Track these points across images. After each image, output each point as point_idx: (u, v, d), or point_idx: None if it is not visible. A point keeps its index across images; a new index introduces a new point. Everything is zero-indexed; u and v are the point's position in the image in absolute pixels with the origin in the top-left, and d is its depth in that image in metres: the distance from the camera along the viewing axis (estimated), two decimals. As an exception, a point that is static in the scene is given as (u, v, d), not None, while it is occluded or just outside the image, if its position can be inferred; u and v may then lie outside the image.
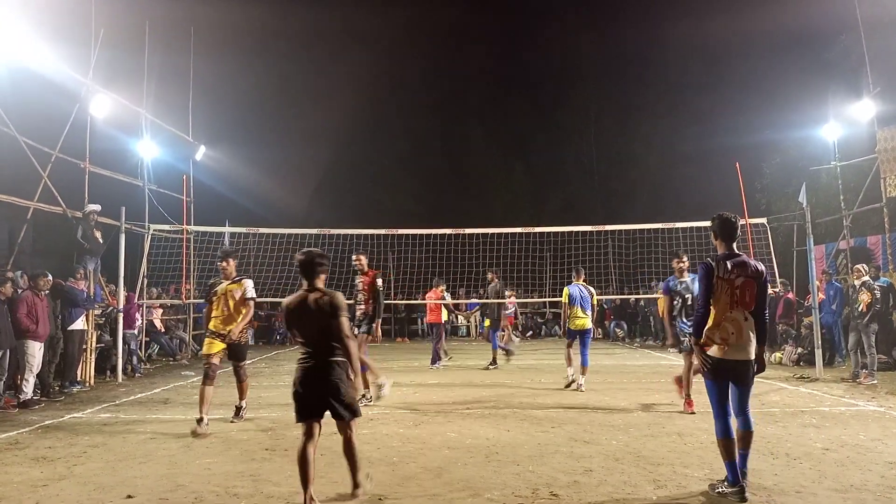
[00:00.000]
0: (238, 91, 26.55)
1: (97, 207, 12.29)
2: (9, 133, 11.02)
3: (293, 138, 29.66)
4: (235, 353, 7.91)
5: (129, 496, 4.84)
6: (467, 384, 10.96)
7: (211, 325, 7.85)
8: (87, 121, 13.04)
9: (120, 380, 11.70)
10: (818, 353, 11.54)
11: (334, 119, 30.26)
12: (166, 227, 15.23)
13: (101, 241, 12.41)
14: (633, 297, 20.19)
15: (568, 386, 10.26)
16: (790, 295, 15.04)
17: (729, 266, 4.89)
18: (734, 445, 4.78)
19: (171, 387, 11.10)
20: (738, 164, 14.44)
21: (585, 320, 10.19)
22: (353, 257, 9.68)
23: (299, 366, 4.71)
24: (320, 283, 4.85)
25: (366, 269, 9.54)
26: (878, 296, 10.90)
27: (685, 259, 8.61)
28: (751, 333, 4.83)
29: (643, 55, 31.96)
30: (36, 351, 9.23)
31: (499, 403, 8.96)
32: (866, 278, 11.17)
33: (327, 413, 4.70)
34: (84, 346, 11.21)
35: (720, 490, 4.77)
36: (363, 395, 8.32)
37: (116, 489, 5.02)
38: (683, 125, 29.00)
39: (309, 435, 4.58)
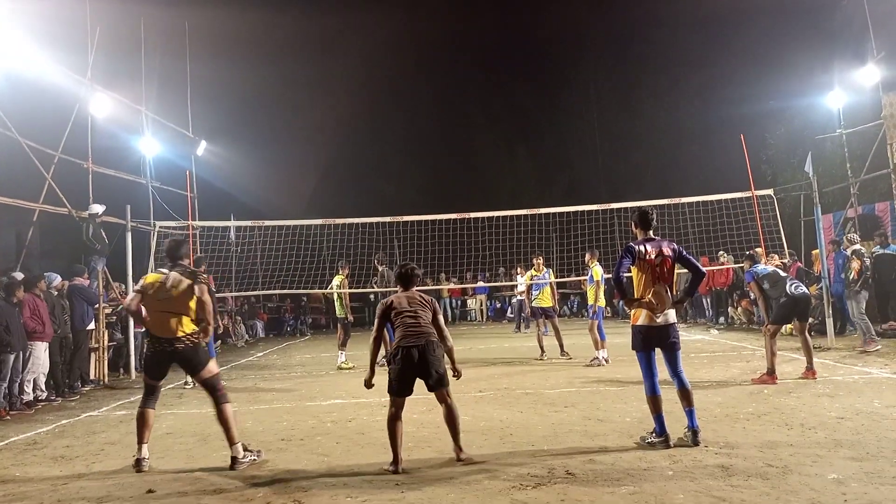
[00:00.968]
0: (237, 85, 26.42)
1: (103, 208, 12.33)
2: (11, 136, 11.03)
3: (293, 131, 29.65)
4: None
5: (150, 491, 4.88)
6: (479, 367, 10.98)
7: None
8: (87, 121, 13.06)
9: (133, 377, 11.78)
10: (829, 322, 11.52)
11: (334, 110, 30.19)
12: (172, 223, 15.27)
13: (106, 239, 12.46)
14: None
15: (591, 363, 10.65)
16: (799, 265, 14.97)
17: (647, 248, 5.72)
18: (661, 401, 5.59)
19: (184, 382, 11.16)
20: (742, 137, 14.34)
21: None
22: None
23: (403, 345, 5.36)
24: (413, 288, 5.68)
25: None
26: (868, 263, 11.06)
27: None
28: (671, 302, 5.66)
29: (642, 32, 31.61)
30: (41, 352, 9.30)
31: (511, 385, 8.99)
32: (857, 246, 11.33)
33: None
34: (96, 345, 11.28)
35: (650, 441, 5.51)
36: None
37: (136, 485, 5.06)
38: (686, 101, 28.74)
39: (401, 407, 5.40)
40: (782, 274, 8.94)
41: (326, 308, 22.89)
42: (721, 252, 16.03)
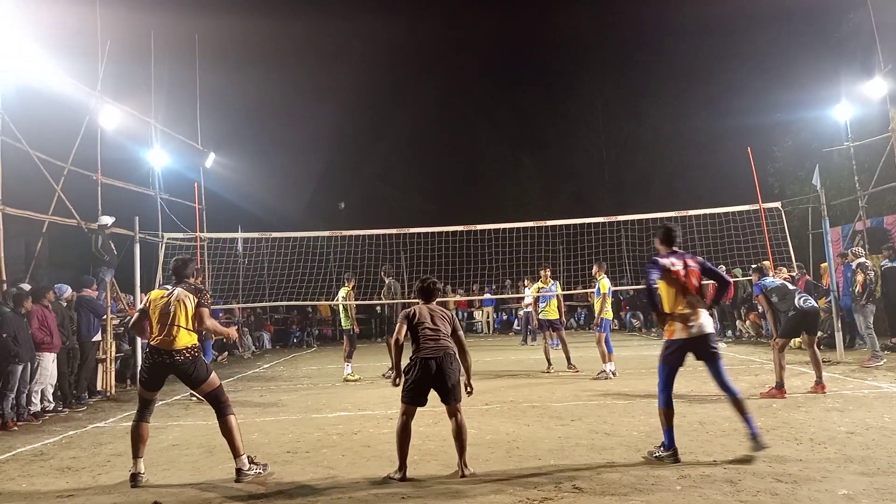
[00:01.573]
0: (245, 96, 26.62)
1: (112, 220, 12.39)
2: (21, 148, 11.12)
3: (300, 141, 29.76)
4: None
5: (156, 502, 4.87)
6: (485, 380, 10.94)
7: None
8: (97, 132, 13.15)
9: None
10: (838, 336, 11.44)
11: (340, 119, 30.33)
12: (180, 235, 15.33)
13: (115, 251, 12.52)
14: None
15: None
16: (807, 278, 14.90)
17: (673, 260, 5.76)
18: (673, 415, 5.54)
19: (190, 393, 11.17)
20: (749, 150, 14.32)
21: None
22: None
23: (421, 356, 5.42)
24: (434, 302, 5.80)
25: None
26: (872, 276, 10.99)
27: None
28: (704, 311, 5.61)
29: (648, 41, 31.75)
30: (49, 363, 9.33)
31: (517, 398, 8.95)
32: (862, 259, 11.28)
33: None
34: (104, 357, 11.31)
35: (658, 455, 5.42)
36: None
37: (142, 497, 5.06)
38: (692, 110, 28.76)
39: (412, 415, 5.50)
40: (791, 287, 8.90)
41: (333, 320, 22.88)
42: (737, 269, 15.97)
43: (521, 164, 32.83)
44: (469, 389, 5.54)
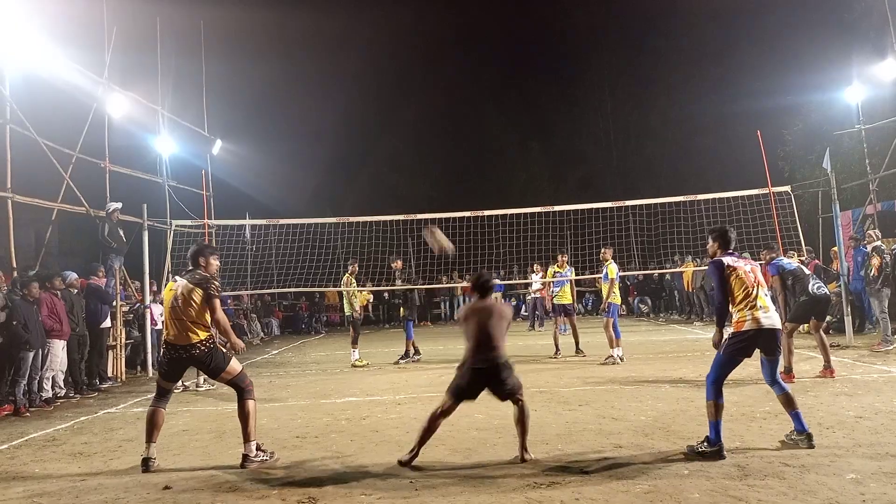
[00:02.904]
0: (252, 83, 26.60)
1: (119, 205, 12.43)
2: (30, 136, 11.16)
3: (307, 128, 29.73)
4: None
5: (167, 487, 4.92)
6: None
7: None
8: (104, 120, 13.18)
9: (150, 374, 11.88)
10: (847, 320, 11.39)
11: (347, 106, 30.24)
12: (188, 222, 15.37)
13: (124, 238, 12.57)
14: (656, 272, 20.05)
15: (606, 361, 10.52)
16: (816, 262, 14.80)
17: (735, 257, 5.60)
18: (722, 409, 5.24)
19: (201, 379, 11.25)
20: (759, 133, 14.19)
21: None
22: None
23: (476, 364, 5.28)
24: (490, 298, 5.61)
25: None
26: (888, 259, 10.87)
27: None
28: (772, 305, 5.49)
29: (658, 25, 31.44)
30: (59, 350, 9.42)
31: (525, 383, 8.90)
32: (878, 243, 11.16)
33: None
34: (114, 343, 11.40)
35: (700, 450, 5.08)
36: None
37: (153, 481, 5.11)
38: (701, 95, 28.50)
39: (450, 410, 5.29)
40: (806, 272, 8.82)
41: (340, 306, 22.98)
42: (745, 254, 15.88)
43: (529, 149, 32.68)
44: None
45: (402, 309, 13.15)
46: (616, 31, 32.46)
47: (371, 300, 16.70)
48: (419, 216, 15.79)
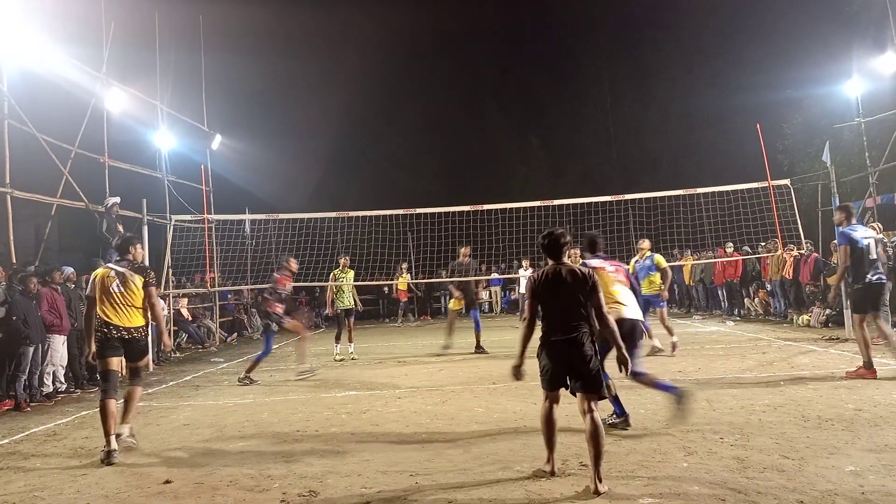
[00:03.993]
0: (251, 78, 26.56)
1: (117, 200, 12.42)
2: (28, 131, 11.14)
3: (307, 123, 29.72)
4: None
5: (167, 481, 4.94)
6: (492, 359, 10.99)
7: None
8: (103, 115, 13.15)
9: (151, 369, 11.90)
10: (847, 313, 11.38)
11: (347, 101, 30.19)
12: (187, 216, 15.36)
13: (123, 233, 12.55)
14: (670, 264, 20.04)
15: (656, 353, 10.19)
16: (816, 256, 14.83)
17: (601, 260, 6.21)
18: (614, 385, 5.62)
19: (201, 373, 11.29)
20: (759, 126, 14.18)
21: None
22: None
23: (547, 340, 4.66)
24: (567, 259, 4.89)
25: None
26: (892, 252, 10.85)
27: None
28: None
29: (656, 17, 31.35)
30: (59, 345, 9.43)
31: (525, 377, 8.97)
32: (880, 236, 11.13)
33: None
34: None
35: (611, 422, 5.75)
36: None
37: (154, 475, 5.13)
38: (700, 88, 28.43)
39: (554, 400, 4.71)
40: (872, 256, 7.90)
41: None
42: (745, 247, 15.89)
43: (529, 143, 32.66)
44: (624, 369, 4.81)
45: (453, 301, 12.55)
46: (615, 25, 32.42)
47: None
48: (419, 210, 15.80)
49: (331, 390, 8.80)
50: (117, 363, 6.09)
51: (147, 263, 7.30)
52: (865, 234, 7.95)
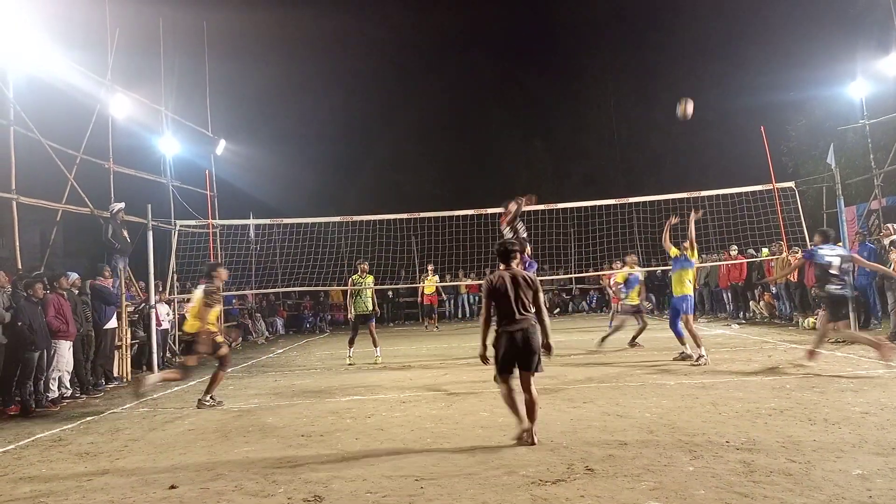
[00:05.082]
0: (255, 83, 26.66)
1: (122, 205, 12.46)
2: (33, 137, 11.20)
3: (310, 127, 29.82)
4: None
5: (173, 486, 4.94)
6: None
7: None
8: (108, 121, 13.21)
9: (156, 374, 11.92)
10: (853, 316, 11.33)
11: (350, 105, 30.27)
12: (192, 222, 15.41)
13: (128, 239, 12.60)
14: (660, 269, 19.99)
15: (685, 359, 9.90)
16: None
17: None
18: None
19: (207, 379, 11.28)
20: (763, 129, 14.16)
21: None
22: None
23: (507, 330, 5.68)
24: (514, 265, 5.91)
25: None
26: None
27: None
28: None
29: (660, 19, 31.39)
30: (65, 350, 9.45)
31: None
32: (894, 237, 11.06)
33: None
34: (119, 343, 11.43)
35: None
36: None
37: (159, 481, 5.13)
38: (704, 90, 28.31)
39: (509, 383, 5.77)
40: (834, 271, 8.75)
41: (345, 305, 22.99)
42: (750, 250, 15.86)
43: (532, 146, 32.66)
44: (549, 352, 5.79)
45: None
46: (619, 26, 32.45)
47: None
48: (422, 214, 15.82)
49: (335, 395, 8.80)
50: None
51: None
52: (831, 252, 8.87)
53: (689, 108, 11.33)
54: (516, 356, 5.66)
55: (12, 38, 10.68)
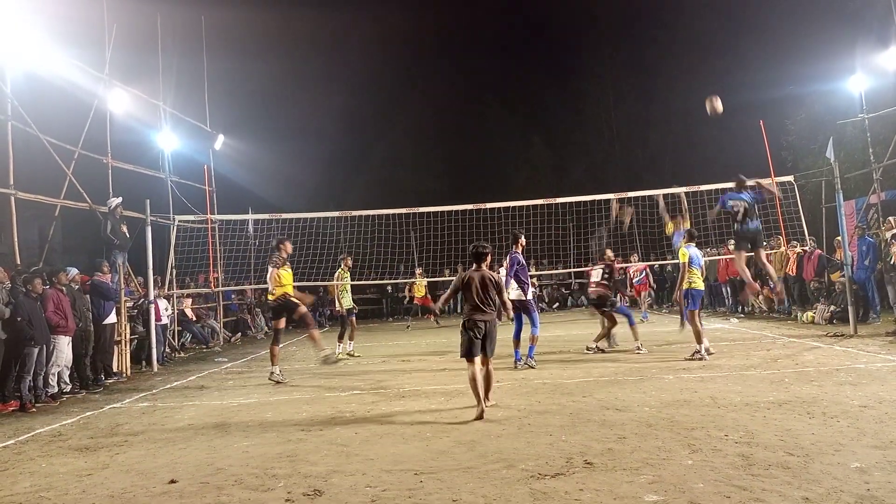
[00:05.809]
0: (253, 78, 26.60)
1: (119, 200, 12.44)
2: (31, 132, 11.17)
3: (309, 123, 29.71)
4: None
5: (172, 481, 4.94)
6: (496, 358, 10.95)
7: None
8: (106, 116, 13.18)
9: (155, 369, 11.93)
10: (851, 309, 11.36)
11: (349, 101, 30.20)
12: (191, 217, 15.39)
13: (127, 234, 12.58)
14: (658, 263, 20.01)
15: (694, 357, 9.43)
16: (819, 252, 14.79)
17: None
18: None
19: (206, 373, 11.31)
20: (762, 123, 14.15)
21: (702, 280, 9.93)
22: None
23: (472, 319, 6.81)
24: (484, 265, 7.03)
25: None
26: None
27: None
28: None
29: (659, 15, 31.27)
30: (64, 346, 9.44)
31: (528, 375, 8.99)
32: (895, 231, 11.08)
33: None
34: (118, 339, 11.43)
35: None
36: None
37: (159, 475, 5.14)
38: (704, 85, 28.11)
39: (474, 366, 6.75)
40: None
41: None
42: (731, 241, 15.84)
43: (532, 143, 32.65)
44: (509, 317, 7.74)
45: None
46: (617, 22, 32.37)
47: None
48: (421, 209, 15.81)
49: (335, 389, 8.81)
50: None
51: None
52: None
53: (718, 103, 11.71)
54: (479, 341, 6.75)
55: (9, 33, 10.64)
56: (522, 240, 9.94)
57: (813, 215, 16.70)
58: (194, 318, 16.43)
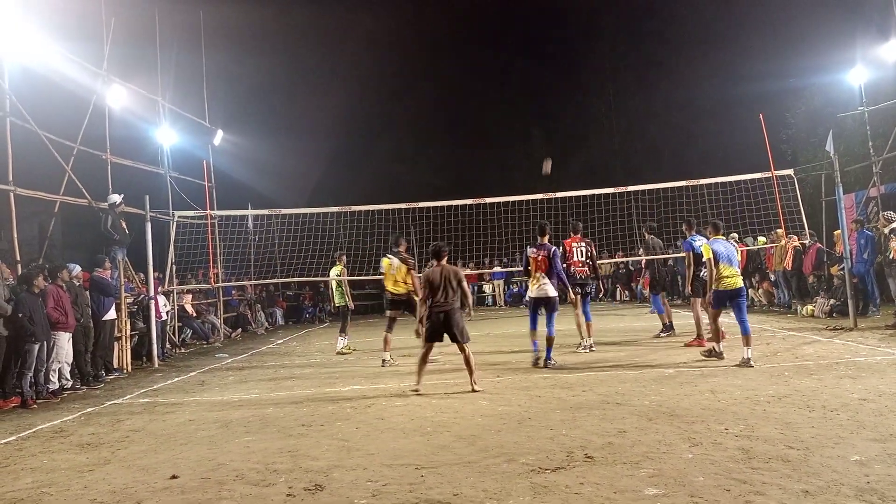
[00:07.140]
0: (252, 74, 26.52)
1: (120, 197, 12.43)
2: (30, 128, 11.15)
3: (308, 118, 29.66)
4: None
5: (174, 476, 4.95)
6: (496, 352, 11.00)
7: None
8: (105, 112, 13.16)
9: (156, 365, 11.94)
10: (851, 303, 11.36)
11: (348, 95, 30.12)
12: (190, 213, 15.39)
13: (127, 230, 12.58)
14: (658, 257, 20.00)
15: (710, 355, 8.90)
16: (819, 245, 14.79)
17: (535, 249, 9.11)
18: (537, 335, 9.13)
19: (207, 369, 11.32)
20: (762, 116, 14.12)
21: (738, 278, 8.68)
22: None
23: (434, 310, 7.64)
24: (444, 260, 7.95)
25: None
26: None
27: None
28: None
29: (658, 8, 31.19)
30: (65, 342, 9.45)
31: (529, 370, 8.99)
32: (895, 225, 11.08)
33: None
34: (118, 335, 11.44)
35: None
36: None
37: (160, 471, 5.15)
38: (703, 78, 28.23)
39: (430, 349, 7.91)
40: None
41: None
42: (748, 238, 15.86)
43: (531, 136, 32.61)
44: (469, 316, 8.14)
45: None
46: (617, 15, 32.25)
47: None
48: (421, 204, 15.80)
49: (335, 385, 8.83)
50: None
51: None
52: (702, 243, 9.59)
53: (547, 166, 13.54)
54: (441, 328, 7.60)
55: (7, 29, 10.61)
56: (548, 230, 9.53)
57: (813, 208, 16.69)
58: (194, 314, 16.44)
